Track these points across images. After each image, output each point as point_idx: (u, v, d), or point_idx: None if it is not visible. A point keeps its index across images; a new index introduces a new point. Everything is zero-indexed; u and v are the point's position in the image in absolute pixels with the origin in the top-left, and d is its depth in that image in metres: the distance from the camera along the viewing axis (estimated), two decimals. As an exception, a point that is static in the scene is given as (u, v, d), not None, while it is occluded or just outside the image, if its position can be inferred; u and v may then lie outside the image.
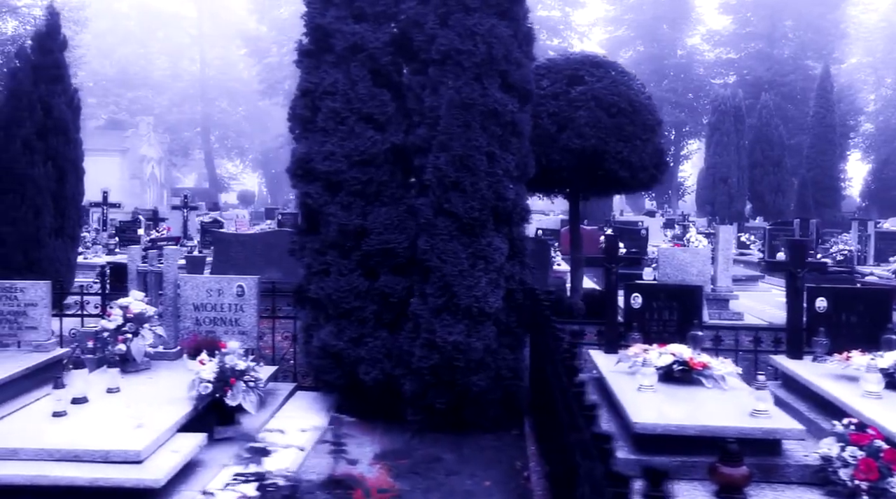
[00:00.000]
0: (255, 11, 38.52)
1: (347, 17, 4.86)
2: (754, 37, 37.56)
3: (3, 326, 5.10)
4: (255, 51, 37.84)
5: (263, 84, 36.56)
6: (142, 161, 39.73)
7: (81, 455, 3.47)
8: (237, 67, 47.97)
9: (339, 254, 4.77)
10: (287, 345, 5.90)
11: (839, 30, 36.92)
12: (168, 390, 4.40)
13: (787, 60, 36.25)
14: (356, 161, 4.75)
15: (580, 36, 38.74)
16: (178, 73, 48.27)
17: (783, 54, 36.89)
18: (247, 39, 38.45)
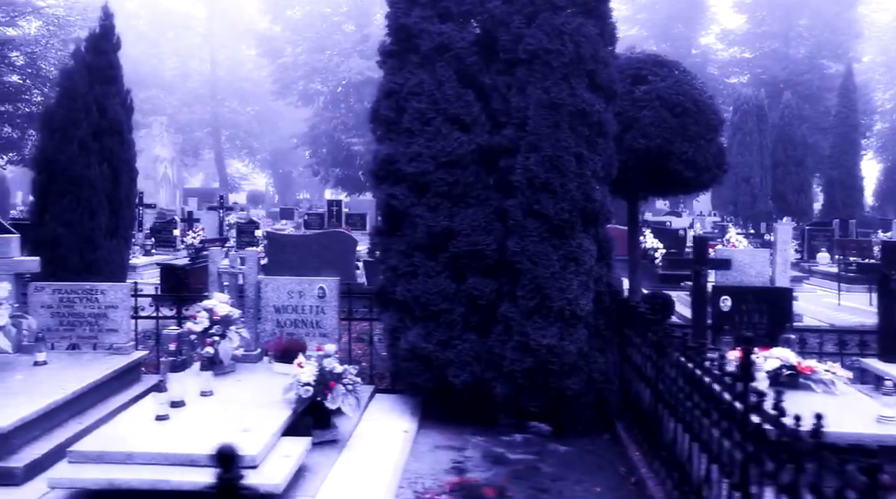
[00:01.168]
0: (269, 11, 38.47)
1: (433, 16, 4.82)
2: (769, 36, 37.38)
3: (83, 328, 5.07)
4: (268, 51, 37.78)
5: (277, 84, 36.51)
6: (155, 161, 39.74)
7: (197, 460, 3.43)
8: (246, 67, 48.03)
9: (425, 256, 4.73)
10: (355, 347, 5.86)
11: (854, 29, 36.73)
12: (259, 393, 4.36)
13: (802, 60, 36.06)
14: (443, 162, 4.71)
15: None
16: (189, 73, 48.34)
17: (798, 54, 36.69)
18: (260, 39, 38.40)
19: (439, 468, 3.99)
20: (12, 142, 21.48)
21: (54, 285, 5.14)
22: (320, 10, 36.42)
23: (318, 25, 36.16)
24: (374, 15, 36.85)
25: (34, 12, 19.76)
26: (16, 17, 19.95)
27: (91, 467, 3.41)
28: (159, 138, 40.45)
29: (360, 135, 32.75)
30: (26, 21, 20.01)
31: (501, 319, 4.56)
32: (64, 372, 4.56)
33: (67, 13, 20.23)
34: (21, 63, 20.31)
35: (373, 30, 35.68)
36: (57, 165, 7.28)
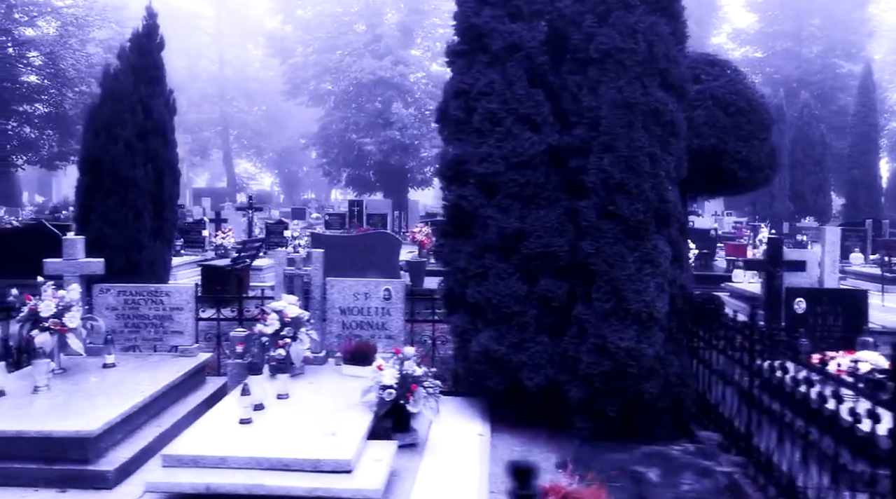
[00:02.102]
0: (280, 11, 38.47)
1: (503, 16, 4.77)
2: (781, 35, 37.27)
3: (148, 329, 5.05)
4: (279, 51, 37.77)
5: (288, 84, 36.50)
6: (164, 162, 39.79)
7: (290, 464, 3.40)
8: (253, 66, 48.05)
9: (496, 257, 4.68)
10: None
11: (867, 28, 36.59)
12: (335, 396, 4.33)
13: (814, 59, 35.93)
14: (514, 163, 4.67)
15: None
16: (197, 72, 48.41)
17: (811, 53, 36.57)
18: (271, 39, 38.41)
19: (524, 472, 3.94)
20: (29, 142, 21.53)
21: (119, 287, 5.11)
22: (331, 10, 36.41)
23: (329, 25, 36.14)
24: (385, 15, 36.93)
25: (53, 12, 19.78)
26: (35, 17, 19.99)
27: (186, 471, 3.38)
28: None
29: (371, 135, 32.77)
30: (45, 21, 20.03)
31: (575, 321, 4.51)
32: (136, 374, 4.54)
33: (87, 13, 20.25)
34: (39, 63, 20.34)
35: (384, 30, 35.73)
36: (102, 166, 7.25)
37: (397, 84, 33.00)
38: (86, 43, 21.25)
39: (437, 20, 38.58)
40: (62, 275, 4.92)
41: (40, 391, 4.10)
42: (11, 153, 20.38)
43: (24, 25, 19.70)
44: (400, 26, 35.02)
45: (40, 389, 4.11)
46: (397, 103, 32.43)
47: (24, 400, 3.97)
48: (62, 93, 20.58)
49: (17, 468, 3.49)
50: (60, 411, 3.80)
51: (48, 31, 20.02)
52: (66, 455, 3.55)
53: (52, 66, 19.59)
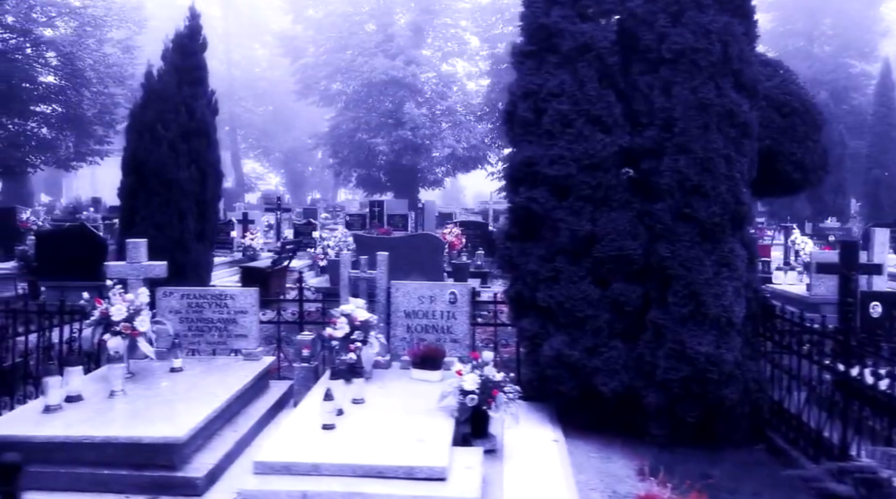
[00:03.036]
0: (290, 11, 38.46)
1: (573, 16, 4.73)
2: (794, 34, 37.08)
3: (212, 333, 5.01)
4: (289, 50, 37.76)
5: (299, 84, 36.48)
6: (175, 161, 39.83)
7: (384, 471, 3.35)
8: (261, 66, 48.05)
9: (568, 260, 4.63)
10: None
11: (880, 27, 36.40)
12: (409, 401, 4.28)
13: (827, 58, 35.75)
14: (585, 165, 4.61)
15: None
16: (205, 72, 48.23)
17: (823, 52, 36.39)
18: (282, 39, 38.40)
19: (609, 480, 3.89)
20: (46, 142, 21.53)
21: (183, 290, 5.08)
22: (342, 10, 36.38)
23: (339, 25, 36.11)
24: (396, 14, 36.88)
25: (71, 13, 19.77)
26: (53, 17, 20.00)
27: (279, 478, 3.34)
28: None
29: (382, 135, 32.72)
30: (63, 21, 20.03)
31: (650, 325, 4.46)
32: (205, 378, 4.50)
33: (105, 13, 20.25)
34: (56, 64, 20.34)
35: (396, 29, 35.69)
36: (147, 167, 7.23)
37: (409, 84, 32.96)
38: (103, 43, 21.25)
39: (448, 20, 38.59)
40: (126, 278, 4.88)
41: (117, 396, 4.06)
42: (30, 153, 20.39)
43: (43, 26, 19.69)
44: (412, 26, 34.98)
45: (116, 393, 4.07)
46: (410, 103, 32.39)
47: (104, 405, 3.93)
48: (80, 93, 20.57)
49: (107, 475, 3.46)
50: (143, 416, 3.76)
51: (65, 31, 20.02)
52: (154, 461, 3.51)
53: (70, 66, 19.59)
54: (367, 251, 8.22)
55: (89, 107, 21.20)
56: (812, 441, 3.98)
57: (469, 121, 34.78)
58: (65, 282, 7.76)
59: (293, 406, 4.88)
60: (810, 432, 4.00)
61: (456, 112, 34.41)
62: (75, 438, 3.49)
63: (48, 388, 3.80)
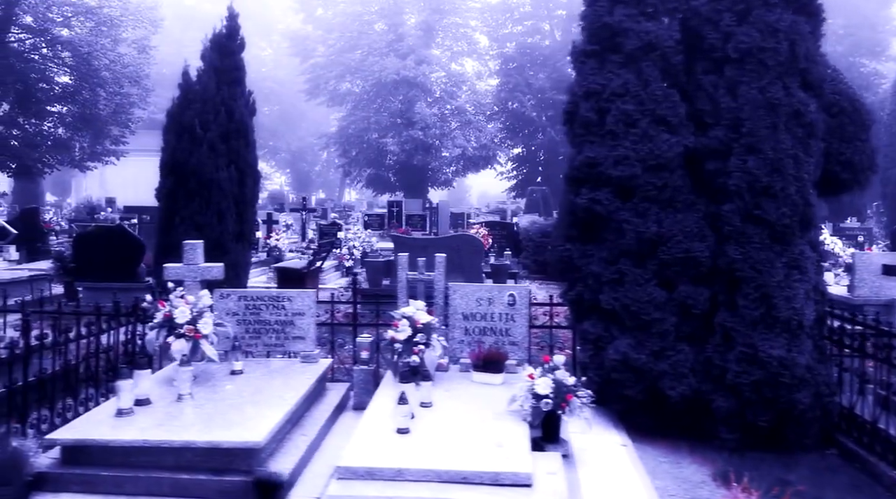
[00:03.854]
0: (300, 11, 38.46)
1: (637, 14, 4.67)
2: (805, 33, 36.95)
3: (269, 335, 4.97)
4: (300, 50, 37.74)
5: (309, 84, 36.45)
6: (184, 161, 39.84)
7: (469, 477, 3.31)
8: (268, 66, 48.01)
9: (632, 263, 4.58)
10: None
11: (892, 26, 36.24)
12: (477, 405, 4.23)
13: (839, 58, 35.57)
14: (651, 165, 4.56)
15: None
16: (214, 72, 48.26)
17: (835, 52, 36.22)
18: (293, 39, 38.37)
19: (686, 485, 3.84)
20: (61, 142, 21.53)
21: (239, 292, 5.03)
22: (352, 10, 36.36)
23: (349, 25, 36.09)
24: (406, 14, 36.83)
25: (88, 13, 19.77)
26: (70, 17, 20.00)
27: (363, 483, 3.29)
28: (188, 138, 40.51)
29: (393, 134, 32.67)
30: (79, 21, 20.03)
31: (719, 329, 4.40)
32: (269, 381, 4.46)
33: (122, 13, 20.25)
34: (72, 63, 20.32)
35: (406, 29, 35.66)
36: (187, 168, 7.20)
37: (420, 83, 32.92)
38: (118, 43, 21.24)
39: (458, 19, 38.52)
40: (182, 280, 4.84)
41: (185, 400, 4.02)
42: (46, 153, 20.39)
43: (60, 26, 19.70)
44: (423, 25, 34.93)
45: (184, 397, 4.03)
46: (421, 103, 32.34)
47: (173, 409, 3.89)
48: (95, 93, 20.57)
49: (187, 480, 3.42)
50: (216, 420, 3.71)
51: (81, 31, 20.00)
52: (233, 466, 3.47)
53: (87, 66, 19.57)
54: (405, 252, 8.19)
55: (105, 107, 21.19)
56: (892, 446, 3.92)
57: (479, 120, 34.74)
58: (102, 283, 7.73)
59: (352, 409, 4.85)
60: (888, 436, 3.94)
61: (466, 112, 34.35)
62: (154, 442, 3.45)
63: (120, 391, 3.76)
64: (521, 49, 35.80)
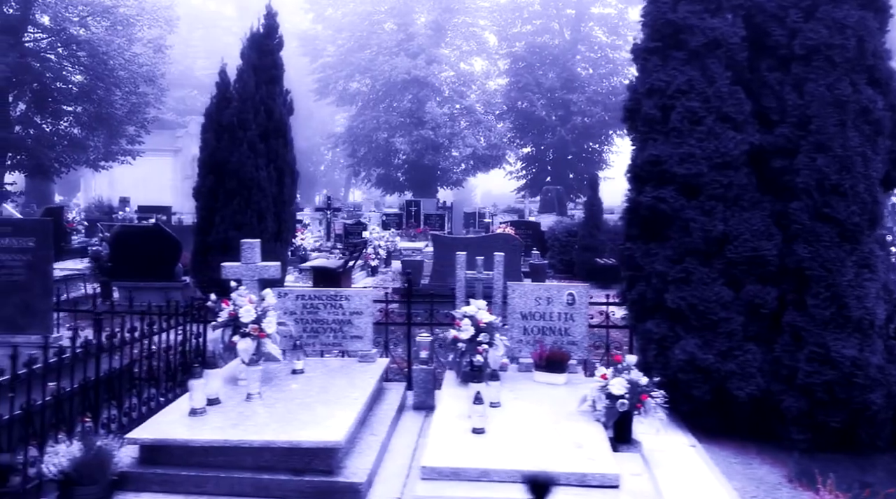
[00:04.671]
0: (311, 10, 38.45)
1: (701, 11, 4.62)
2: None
3: (326, 334, 4.93)
4: (309, 50, 37.73)
5: (318, 84, 36.43)
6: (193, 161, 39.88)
7: (557, 478, 3.28)
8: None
9: (698, 261, 4.53)
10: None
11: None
12: (540, 404, 4.20)
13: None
14: (717, 163, 4.52)
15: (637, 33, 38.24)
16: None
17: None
18: (302, 39, 38.35)
19: (764, 487, 3.80)
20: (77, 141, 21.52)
21: (297, 291, 5.00)
22: (362, 10, 36.33)
23: (359, 24, 36.06)
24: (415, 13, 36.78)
25: (105, 12, 19.76)
26: (86, 17, 19.99)
27: (450, 484, 3.26)
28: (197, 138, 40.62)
29: (403, 134, 32.62)
30: (95, 21, 20.01)
31: (787, 328, 4.35)
32: (332, 380, 4.42)
33: (138, 13, 20.24)
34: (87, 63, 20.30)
35: (417, 28, 35.60)
36: (227, 167, 7.18)
37: (430, 83, 32.88)
38: (132, 42, 21.23)
39: (467, 18, 38.47)
40: (240, 279, 4.80)
41: (254, 399, 3.99)
42: (63, 153, 20.38)
43: (77, 25, 19.69)
44: (433, 24, 34.88)
45: (253, 396, 4.01)
46: (431, 102, 32.30)
47: (244, 408, 3.86)
48: (111, 93, 20.55)
49: (268, 480, 3.39)
50: (291, 420, 3.68)
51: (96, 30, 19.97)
52: (313, 466, 3.44)
53: (104, 66, 19.56)
54: (445, 251, 8.16)
55: (121, 106, 21.18)
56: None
57: (489, 120, 34.69)
58: (139, 282, 7.71)
59: (412, 409, 4.82)
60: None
61: (475, 111, 34.31)
62: (234, 442, 3.42)
63: (193, 390, 3.73)
64: (530, 48, 35.74)
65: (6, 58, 17.96)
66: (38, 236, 4.78)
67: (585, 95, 34.98)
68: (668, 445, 4.27)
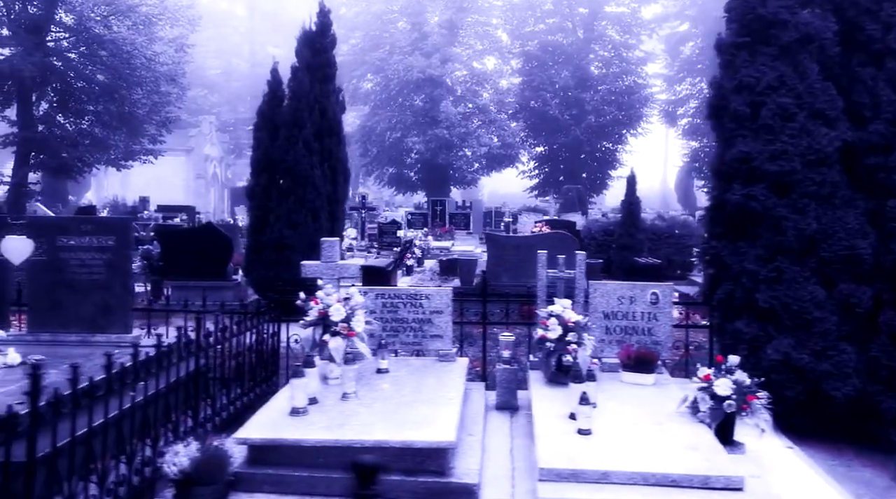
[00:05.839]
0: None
1: (793, 5, 4.56)
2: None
3: (407, 333, 4.88)
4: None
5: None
6: (205, 160, 39.99)
7: (679, 480, 3.21)
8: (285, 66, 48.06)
9: (790, 260, 4.47)
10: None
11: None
12: (632, 405, 4.14)
13: None
14: (810, 160, 4.45)
15: (650, 32, 38.19)
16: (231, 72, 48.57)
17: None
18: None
19: (876, 491, 3.74)
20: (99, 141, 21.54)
21: (377, 290, 4.95)
22: (375, 9, 36.32)
23: (372, 23, 36.04)
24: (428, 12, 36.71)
25: (129, 10, 19.76)
26: (109, 16, 20.00)
27: (570, 486, 3.20)
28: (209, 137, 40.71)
29: (417, 133, 32.56)
30: (118, 20, 20.01)
31: (885, 328, 4.29)
32: (421, 379, 4.37)
33: (161, 12, 20.24)
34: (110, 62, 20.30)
35: (431, 27, 35.53)
36: (282, 167, 7.15)
37: (444, 82, 32.83)
38: (153, 41, 21.24)
39: (480, 17, 38.39)
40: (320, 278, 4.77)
41: (350, 398, 3.94)
42: (85, 153, 20.40)
43: (100, 25, 19.68)
44: (447, 23, 34.82)
45: (349, 395, 3.95)
46: (446, 101, 32.24)
47: (344, 407, 3.80)
48: (132, 92, 20.56)
49: (384, 481, 3.34)
50: (396, 419, 3.62)
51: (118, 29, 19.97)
52: (425, 467, 3.39)
53: (127, 65, 19.55)
54: (499, 251, 8.12)
55: (142, 106, 21.19)
56: None
57: (502, 119, 34.61)
58: (190, 281, 7.68)
59: (496, 409, 4.76)
60: None
61: (489, 110, 34.24)
62: (346, 442, 3.37)
63: (295, 390, 3.68)
64: (543, 47, 35.64)
65: (32, 57, 17.99)
66: (117, 235, 4.74)
67: (599, 94, 34.92)
68: (767, 446, 4.21)
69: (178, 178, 38.76)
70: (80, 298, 4.75)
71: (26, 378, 3.03)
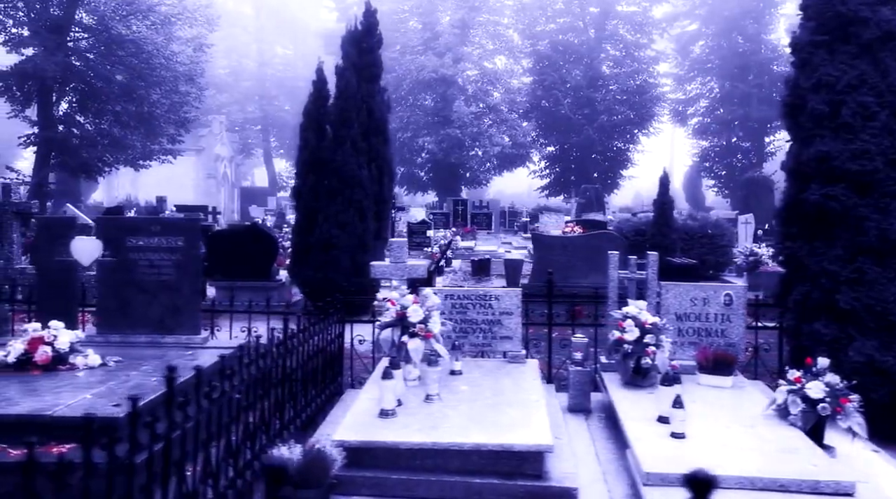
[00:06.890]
0: (335, 10, 38.46)
1: (874, 3, 4.49)
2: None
3: (476, 334, 4.84)
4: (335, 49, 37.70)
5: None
6: (216, 160, 40.01)
7: (787, 485, 3.16)
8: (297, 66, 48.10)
9: (872, 261, 4.41)
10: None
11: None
12: (718, 407, 4.10)
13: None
14: (892, 160, 4.39)
15: (661, 31, 38.06)
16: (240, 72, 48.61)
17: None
18: (328, 38, 38.35)
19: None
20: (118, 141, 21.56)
21: (447, 290, 4.91)
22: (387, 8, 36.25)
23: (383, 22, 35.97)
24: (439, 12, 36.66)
25: (149, 10, 19.77)
26: (128, 16, 20.01)
27: (677, 490, 3.12)
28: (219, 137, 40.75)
29: (430, 133, 32.52)
30: (137, 20, 20.03)
31: (972, 329, 4.23)
32: (495, 381, 4.33)
33: (180, 12, 20.25)
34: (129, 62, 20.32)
35: (443, 27, 35.48)
36: (329, 167, 7.10)
37: (456, 81, 32.77)
38: (171, 41, 21.26)
39: (492, 17, 38.30)
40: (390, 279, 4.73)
41: (434, 401, 3.90)
42: (104, 152, 20.44)
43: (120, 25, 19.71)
44: (458, 23, 34.76)
45: (433, 398, 3.91)
46: (459, 101, 32.19)
47: (430, 409, 3.76)
48: (151, 92, 20.58)
49: (479, 484, 3.29)
50: (487, 422, 3.57)
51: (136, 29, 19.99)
52: (522, 470, 3.34)
53: (145, 64, 19.58)
54: (546, 251, 8.07)
55: (161, 105, 21.21)
56: None
57: (514, 118, 34.54)
58: (235, 281, 7.65)
59: (568, 411, 4.71)
60: None
61: (500, 110, 34.16)
62: (444, 444, 3.33)
63: (385, 391, 3.65)
64: (554, 46, 35.55)
65: (53, 57, 18.02)
66: (186, 236, 4.71)
67: (611, 94, 34.81)
68: (857, 451, 4.15)
69: (188, 177, 38.75)
70: (148, 298, 4.73)
71: (112, 379, 2.98)
